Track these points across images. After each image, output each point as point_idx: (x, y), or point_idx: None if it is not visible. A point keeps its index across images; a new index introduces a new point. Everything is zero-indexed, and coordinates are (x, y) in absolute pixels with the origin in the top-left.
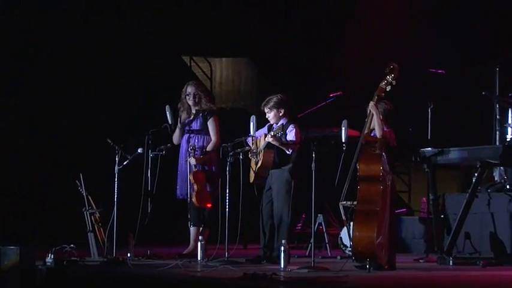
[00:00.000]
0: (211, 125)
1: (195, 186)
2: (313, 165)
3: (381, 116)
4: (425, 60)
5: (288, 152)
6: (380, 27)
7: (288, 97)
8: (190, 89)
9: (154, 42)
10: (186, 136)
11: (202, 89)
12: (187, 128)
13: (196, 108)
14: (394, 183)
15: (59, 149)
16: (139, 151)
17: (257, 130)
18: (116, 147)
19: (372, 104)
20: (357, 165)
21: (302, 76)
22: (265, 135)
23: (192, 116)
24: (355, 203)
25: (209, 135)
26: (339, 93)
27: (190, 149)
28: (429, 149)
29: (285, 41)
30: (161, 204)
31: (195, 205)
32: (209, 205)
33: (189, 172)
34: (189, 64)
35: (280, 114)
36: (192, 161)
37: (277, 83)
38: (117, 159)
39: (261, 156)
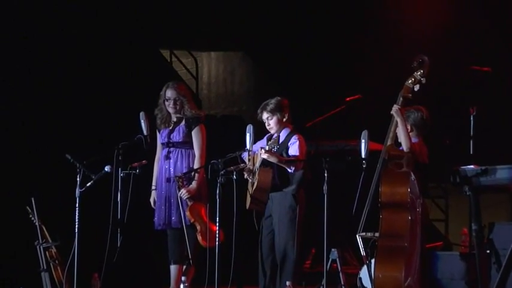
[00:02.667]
0: (196, 136)
1: (198, 226)
2: (324, 187)
3: (408, 124)
4: (466, 54)
5: (289, 171)
6: (408, 13)
7: (288, 102)
8: (170, 93)
9: (125, 32)
10: (164, 151)
11: (185, 93)
12: (166, 140)
13: (178, 115)
14: (427, 209)
15: (4, 166)
16: (106, 169)
17: (255, 142)
18: (77, 165)
19: (395, 108)
20: (379, 187)
21: (311, 75)
22: (261, 149)
23: (173, 125)
24: (377, 234)
25: (194, 148)
26: (357, 96)
27: (177, 179)
28: (471, 166)
29: (290, 31)
30: (134, 236)
31: (200, 245)
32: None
33: (183, 208)
34: (169, 60)
35: (284, 120)
36: (184, 194)
37: (280, 84)
38: (78, 179)
39: (257, 176)
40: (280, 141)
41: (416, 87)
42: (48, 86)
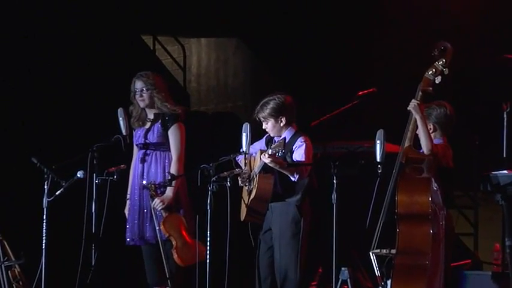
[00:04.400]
0: (172, 135)
1: (173, 241)
2: (333, 195)
3: (430, 123)
4: (499, 40)
5: (293, 179)
6: None
7: (292, 99)
8: (138, 84)
9: (99, 14)
10: (140, 153)
11: (157, 83)
12: (141, 140)
13: (154, 111)
14: (452, 222)
15: None
16: (79, 175)
17: (253, 143)
18: (45, 170)
19: (413, 103)
20: (395, 196)
21: (317, 65)
22: (262, 153)
23: (149, 124)
24: (393, 251)
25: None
26: (371, 90)
27: (149, 187)
28: (505, 172)
29: (292, 13)
30: (111, 252)
31: (176, 263)
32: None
33: (157, 220)
34: (152, 47)
35: (282, 124)
36: (158, 204)
37: (281, 76)
38: (46, 187)
39: (255, 183)
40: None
41: (438, 79)
42: (9, 77)
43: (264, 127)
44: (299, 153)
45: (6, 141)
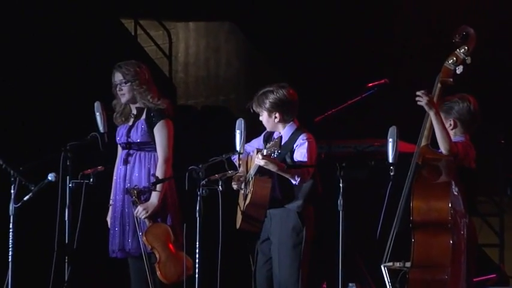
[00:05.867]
0: (158, 133)
1: (157, 255)
2: (339, 201)
3: (451, 118)
4: None
5: (293, 182)
6: None
7: (294, 92)
8: (117, 77)
9: None
10: (123, 153)
11: (138, 74)
12: (124, 139)
13: (138, 106)
14: (474, 231)
15: None
16: (50, 178)
17: (249, 141)
18: (12, 172)
19: (425, 99)
20: (410, 202)
21: (321, 54)
22: (258, 152)
23: (133, 120)
24: (408, 264)
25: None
26: (382, 81)
27: (131, 192)
28: None
29: None
30: (87, 265)
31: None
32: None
33: (141, 230)
34: (133, 32)
35: (276, 121)
36: (141, 213)
37: (280, 65)
38: (13, 191)
39: (251, 187)
40: (283, 141)
41: (459, 69)
42: None
43: (260, 118)
44: (301, 153)
45: None
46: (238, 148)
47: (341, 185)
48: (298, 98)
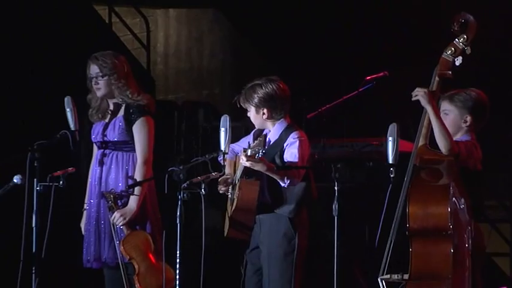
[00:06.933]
0: (138, 132)
1: (136, 265)
2: (334, 206)
3: (467, 116)
4: None
5: (283, 184)
6: None
7: (286, 87)
8: (93, 69)
9: None
10: (98, 153)
11: (115, 66)
12: (100, 138)
13: (115, 101)
14: (482, 240)
15: None
16: (15, 181)
17: (237, 140)
18: None
19: (421, 91)
20: (407, 207)
21: (315, 44)
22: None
23: (109, 117)
24: (406, 276)
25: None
26: (382, 74)
27: (107, 197)
28: None
29: None
30: (57, 276)
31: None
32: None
33: (117, 239)
34: (107, 20)
35: (264, 117)
36: (118, 219)
37: (269, 57)
38: None
39: (237, 191)
40: (273, 140)
41: (459, 61)
42: None
43: (248, 114)
44: (291, 153)
45: None
46: (222, 147)
47: (336, 188)
48: (289, 93)
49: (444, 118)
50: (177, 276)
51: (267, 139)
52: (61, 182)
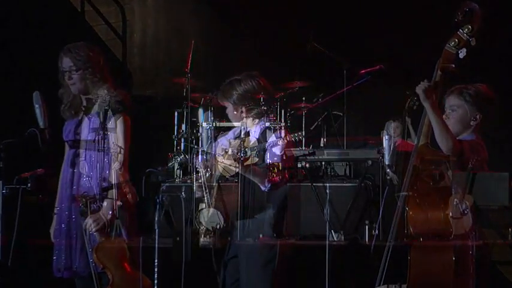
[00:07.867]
0: (113, 130)
1: (109, 275)
2: (326, 210)
3: (477, 114)
4: None
5: (263, 188)
6: None
7: (266, 82)
8: (66, 62)
9: None
10: (70, 153)
11: (90, 59)
12: (71, 137)
13: (88, 97)
14: (488, 246)
15: None
16: None
17: (217, 138)
18: None
19: (422, 86)
20: (405, 211)
21: (306, 33)
22: (225, 153)
23: (82, 114)
24: (404, 287)
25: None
26: (377, 67)
27: (80, 200)
28: None
29: None
30: (24, 285)
31: None
32: None
33: (90, 246)
34: (79, 9)
35: (243, 115)
36: (91, 225)
37: (256, 48)
38: None
39: (214, 194)
40: (253, 140)
41: (462, 53)
42: None
43: (227, 111)
44: (273, 154)
45: None
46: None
47: (328, 191)
48: (271, 89)
49: (451, 114)
50: (155, 286)
51: (250, 138)
52: (29, 185)
